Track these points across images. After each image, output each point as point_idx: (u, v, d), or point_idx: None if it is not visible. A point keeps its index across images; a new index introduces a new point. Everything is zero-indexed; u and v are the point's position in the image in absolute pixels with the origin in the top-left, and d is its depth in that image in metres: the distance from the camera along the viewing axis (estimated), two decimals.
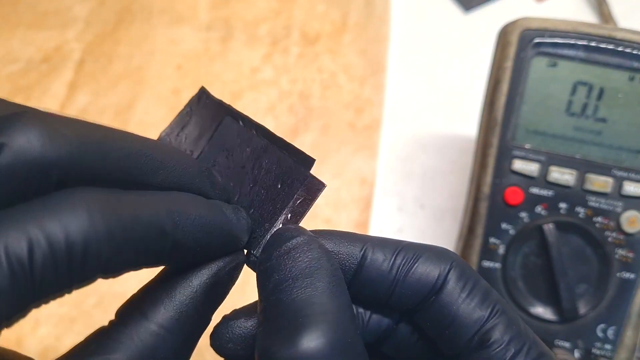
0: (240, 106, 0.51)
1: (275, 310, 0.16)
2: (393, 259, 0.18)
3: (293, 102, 0.49)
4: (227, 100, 0.21)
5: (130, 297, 0.17)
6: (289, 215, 0.19)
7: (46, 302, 0.14)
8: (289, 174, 0.19)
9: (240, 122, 0.21)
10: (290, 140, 0.20)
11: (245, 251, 0.19)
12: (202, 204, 0.17)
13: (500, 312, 0.17)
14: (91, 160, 0.14)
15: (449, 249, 0.19)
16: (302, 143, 0.47)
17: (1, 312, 0.12)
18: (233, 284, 0.18)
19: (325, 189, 0.19)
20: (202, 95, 0.22)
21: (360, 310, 0.20)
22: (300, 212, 0.19)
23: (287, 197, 0.19)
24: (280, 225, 0.19)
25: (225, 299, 0.19)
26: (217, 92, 0.45)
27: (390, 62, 0.51)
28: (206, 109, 0.22)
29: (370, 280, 0.18)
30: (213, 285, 0.17)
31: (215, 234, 0.17)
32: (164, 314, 0.16)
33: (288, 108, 0.49)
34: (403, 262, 0.18)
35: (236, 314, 0.19)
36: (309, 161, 0.19)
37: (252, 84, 0.50)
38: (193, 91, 0.22)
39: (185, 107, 0.22)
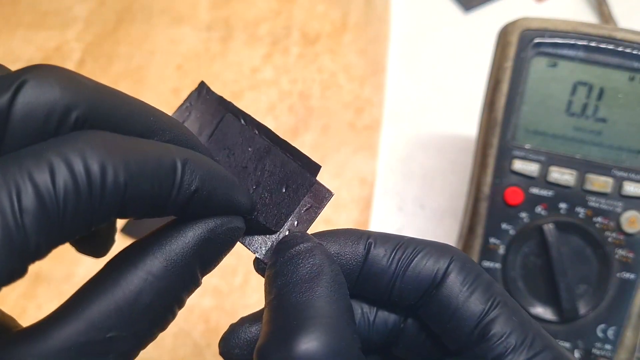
0: (241, 106, 0.51)
1: (274, 314, 0.16)
2: (393, 253, 0.18)
3: (293, 102, 0.49)
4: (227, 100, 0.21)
5: (120, 251, 0.17)
6: (296, 222, 0.19)
7: (69, 238, 0.14)
8: (293, 178, 0.19)
9: (242, 121, 0.20)
10: (290, 141, 0.20)
11: (254, 258, 0.19)
12: (209, 158, 0.17)
13: (501, 304, 0.17)
14: (107, 109, 0.15)
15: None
16: (302, 143, 0.47)
17: (30, 237, 0.12)
18: (228, 249, 0.18)
19: (333, 197, 0.19)
20: (202, 90, 0.22)
21: (366, 309, 0.20)
22: (307, 219, 0.19)
23: (293, 202, 0.19)
24: (287, 232, 0.19)
25: (226, 299, 0.19)
26: (217, 92, 0.45)
27: (390, 62, 0.51)
28: (206, 104, 0.21)
29: (372, 275, 0.18)
30: (207, 241, 0.17)
31: (221, 183, 0.17)
32: (151, 260, 0.16)
33: (288, 108, 0.49)
34: (403, 257, 0.18)
35: (242, 321, 0.19)
36: (315, 167, 0.19)
37: (252, 84, 0.50)
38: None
39: (185, 101, 0.22)
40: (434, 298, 0.18)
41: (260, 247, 0.19)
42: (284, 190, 0.19)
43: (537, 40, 0.32)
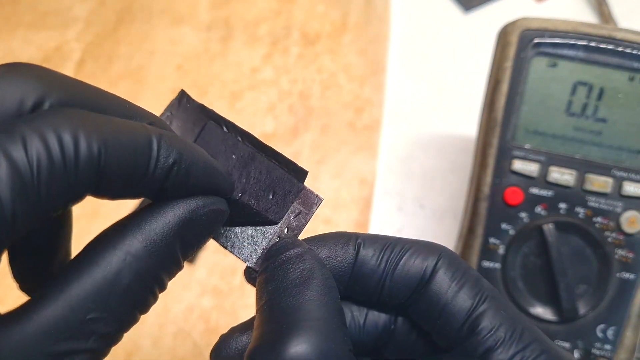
0: (241, 106, 0.51)
1: (265, 318, 0.16)
2: (382, 253, 0.18)
3: (293, 102, 0.49)
4: (227, 100, 0.21)
5: (100, 232, 0.17)
6: (285, 229, 0.19)
7: (46, 214, 0.13)
8: (280, 185, 0.19)
9: (224, 128, 0.20)
10: (290, 140, 0.19)
11: (245, 266, 0.19)
12: (185, 139, 0.17)
13: (489, 298, 0.18)
14: (83, 98, 0.15)
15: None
16: (302, 143, 0.47)
17: (5, 206, 0.12)
18: (210, 232, 0.18)
19: (322, 202, 0.19)
20: (183, 99, 0.21)
21: (356, 312, 0.20)
22: (297, 225, 0.19)
23: (281, 209, 0.19)
24: (276, 239, 0.19)
25: (226, 299, 0.19)
26: (217, 92, 0.45)
27: (390, 62, 0.51)
28: (187, 113, 0.21)
29: (362, 276, 0.19)
30: (188, 222, 0.17)
31: (199, 158, 0.17)
32: (130, 240, 0.15)
33: (288, 108, 0.49)
34: (391, 256, 0.18)
35: (232, 330, 0.19)
36: (302, 172, 0.19)
37: (252, 84, 0.50)
38: (193, 91, 0.22)
39: (165, 110, 0.21)
40: (424, 295, 0.18)
41: (251, 256, 0.19)
42: (271, 197, 0.19)
43: (537, 40, 0.32)
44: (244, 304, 0.40)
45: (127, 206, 0.41)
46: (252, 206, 0.19)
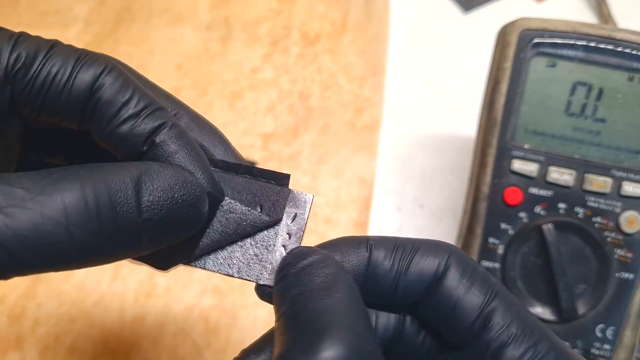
0: (240, 106, 0.51)
1: (293, 322, 0.16)
2: (393, 254, 0.19)
3: (293, 102, 0.49)
4: (227, 100, 0.21)
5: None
6: (287, 235, 0.19)
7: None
8: (265, 196, 0.19)
9: None
10: (290, 140, 0.19)
11: (255, 285, 0.19)
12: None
13: (498, 295, 0.18)
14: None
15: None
16: (302, 143, 0.47)
17: None
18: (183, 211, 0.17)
19: (315, 199, 0.19)
20: None
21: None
22: (297, 229, 0.19)
23: (275, 217, 0.19)
24: (281, 248, 0.19)
25: (225, 299, 0.19)
26: (217, 92, 0.45)
27: (390, 62, 0.51)
28: None
29: (375, 277, 0.19)
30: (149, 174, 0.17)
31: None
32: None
33: (288, 108, 0.49)
34: (403, 256, 0.18)
35: (246, 353, 0.19)
36: (283, 177, 0.19)
37: (252, 83, 0.50)
38: (193, 91, 0.22)
39: None
40: (435, 293, 0.18)
41: (262, 273, 0.19)
42: (259, 211, 0.19)
43: (536, 40, 0.32)
44: (243, 303, 0.40)
45: None
46: (238, 222, 0.19)
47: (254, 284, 0.19)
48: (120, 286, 0.40)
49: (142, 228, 0.16)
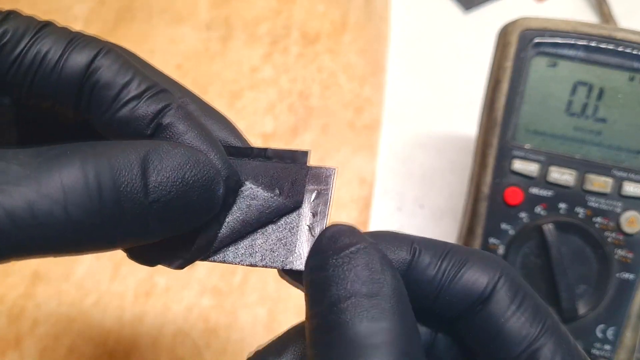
0: (240, 105, 0.51)
1: (334, 334, 0.14)
2: (439, 262, 0.17)
3: (293, 102, 0.49)
4: (226, 99, 0.21)
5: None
6: (311, 214, 0.18)
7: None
8: (283, 177, 0.18)
9: None
10: (290, 140, 0.19)
11: (279, 270, 0.18)
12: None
13: (551, 329, 0.16)
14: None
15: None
16: (302, 142, 0.47)
17: None
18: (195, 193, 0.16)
19: (337, 170, 0.18)
20: None
21: None
22: (322, 208, 0.17)
23: (296, 199, 0.18)
24: (306, 229, 0.17)
25: (225, 299, 0.18)
26: (217, 91, 0.45)
27: (390, 61, 0.51)
28: None
29: (414, 283, 0.17)
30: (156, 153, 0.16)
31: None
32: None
33: (288, 107, 0.49)
34: (449, 267, 0.17)
35: (263, 354, 0.17)
36: (301, 155, 0.18)
37: (251, 83, 0.50)
38: (193, 90, 0.22)
39: None
40: (480, 313, 0.16)
41: (287, 258, 0.17)
42: (278, 193, 0.18)
43: (537, 40, 0.32)
44: (243, 303, 0.40)
45: None
46: (267, 211, 0.17)
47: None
48: (120, 286, 0.40)
49: (148, 210, 0.14)
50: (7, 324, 0.38)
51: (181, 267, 0.17)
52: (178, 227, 0.16)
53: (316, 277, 0.15)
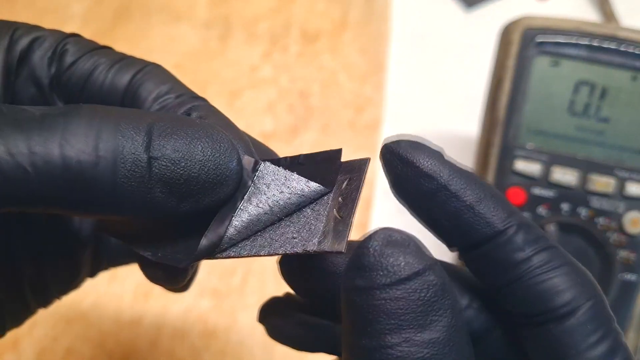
0: (240, 105, 0.51)
1: None
2: (532, 253, 0.15)
3: (293, 101, 0.49)
4: (226, 99, 0.21)
5: None
6: (340, 198, 0.15)
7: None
8: (313, 176, 0.16)
9: None
10: (290, 140, 0.19)
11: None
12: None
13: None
14: None
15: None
16: (302, 142, 0.46)
17: None
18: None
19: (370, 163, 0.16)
20: None
21: (460, 297, 0.16)
22: (352, 191, 0.15)
23: (326, 184, 0.16)
24: (334, 212, 0.15)
25: (224, 300, 0.18)
26: (216, 91, 0.45)
27: (391, 60, 0.51)
28: None
29: (491, 259, 0.15)
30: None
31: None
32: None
33: (288, 107, 0.48)
34: (541, 264, 0.15)
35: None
36: (334, 155, 0.16)
37: (251, 82, 0.50)
38: (192, 89, 0.21)
39: None
40: (550, 329, 0.15)
41: (308, 240, 0.15)
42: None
43: (539, 39, 0.32)
44: (243, 305, 0.39)
45: None
46: (287, 193, 0.15)
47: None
48: (118, 287, 0.39)
49: (149, 170, 0.13)
50: None
51: (188, 264, 0.15)
52: (183, 197, 0.14)
53: (361, 302, 0.13)
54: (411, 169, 0.16)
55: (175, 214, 0.14)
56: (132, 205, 0.14)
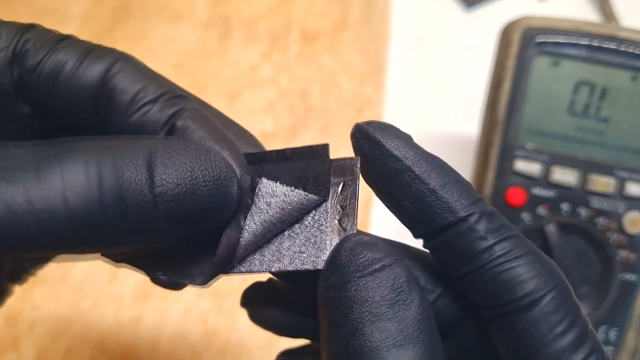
0: (239, 105, 0.51)
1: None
2: (494, 241, 0.15)
3: (292, 101, 0.49)
4: (225, 98, 0.21)
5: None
6: (339, 206, 0.16)
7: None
8: (304, 175, 0.16)
9: None
10: (289, 140, 0.19)
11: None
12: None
13: (596, 350, 0.14)
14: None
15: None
16: (302, 142, 0.46)
17: None
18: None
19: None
20: None
21: (429, 286, 0.17)
22: (350, 201, 0.16)
23: (321, 193, 0.16)
24: (336, 222, 0.16)
25: (224, 301, 0.18)
26: (215, 91, 0.44)
27: (391, 60, 0.51)
28: None
29: (453, 247, 0.15)
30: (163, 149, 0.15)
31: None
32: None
33: (287, 107, 0.48)
34: (502, 252, 0.15)
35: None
36: (321, 150, 0.17)
37: (251, 82, 0.50)
38: (191, 90, 0.21)
39: None
40: (516, 319, 0.15)
41: (318, 257, 0.15)
42: (302, 190, 0.16)
43: (539, 39, 0.32)
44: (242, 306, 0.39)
45: None
46: (289, 208, 0.16)
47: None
48: (118, 288, 0.39)
49: (154, 205, 0.14)
50: (4, 326, 0.38)
51: (204, 282, 0.16)
52: (189, 226, 0.14)
53: (335, 296, 0.14)
54: (378, 149, 0.16)
55: (180, 240, 0.15)
56: (140, 239, 0.14)
